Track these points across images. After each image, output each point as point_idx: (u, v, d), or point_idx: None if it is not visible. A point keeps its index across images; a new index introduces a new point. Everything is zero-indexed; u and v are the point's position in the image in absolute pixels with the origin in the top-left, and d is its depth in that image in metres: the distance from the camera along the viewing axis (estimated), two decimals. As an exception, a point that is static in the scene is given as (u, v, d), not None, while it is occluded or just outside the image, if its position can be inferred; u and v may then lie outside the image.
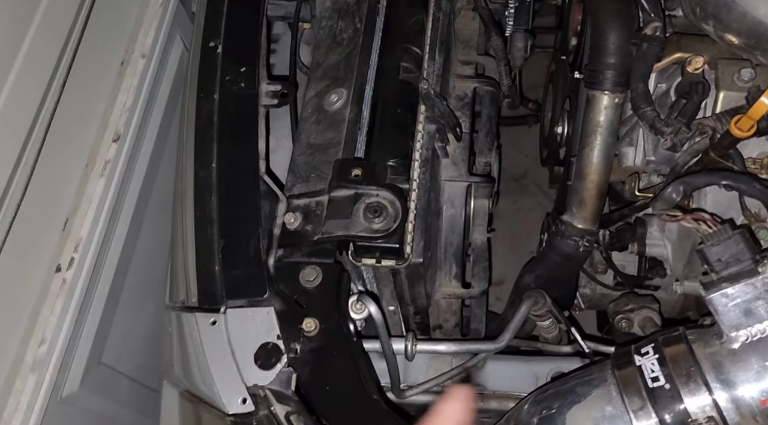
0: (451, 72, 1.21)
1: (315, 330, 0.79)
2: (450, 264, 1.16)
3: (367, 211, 0.83)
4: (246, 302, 0.82)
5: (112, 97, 1.29)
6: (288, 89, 0.96)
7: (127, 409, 1.41)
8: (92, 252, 1.17)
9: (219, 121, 0.92)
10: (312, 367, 0.78)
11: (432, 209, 1.05)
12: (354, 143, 0.91)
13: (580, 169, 1.12)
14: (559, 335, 1.25)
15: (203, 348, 0.80)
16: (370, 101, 0.94)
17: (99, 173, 1.20)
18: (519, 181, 2.48)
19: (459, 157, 1.12)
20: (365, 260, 0.89)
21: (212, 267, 0.84)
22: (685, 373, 0.68)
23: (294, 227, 0.87)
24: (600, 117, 1.08)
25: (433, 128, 1.02)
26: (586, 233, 1.15)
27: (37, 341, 1.07)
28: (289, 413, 0.73)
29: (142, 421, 1.43)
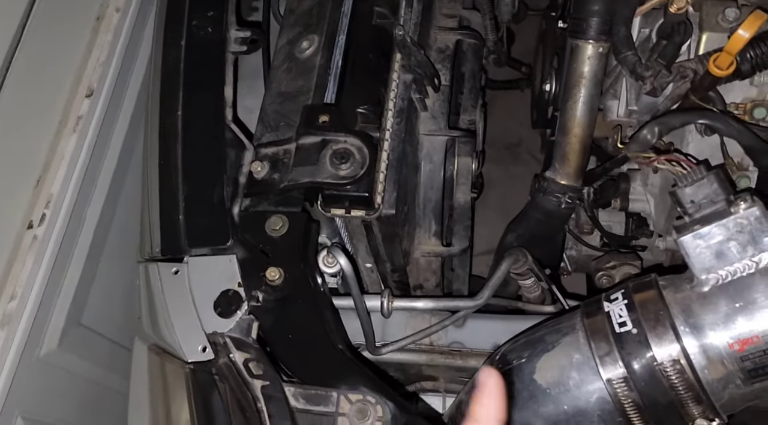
0: (432, 24, 1.17)
1: (279, 279, 0.77)
2: (429, 221, 1.13)
3: (334, 157, 0.81)
4: (209, 250, 0.80)
5: (87, 52, 1.26)
6: (258, 36, 0.93)
7: (108, 371, 1.40)
8: (65, 209, 1.15)
9: (185, 67, 0.89)
10: (275, 316, 0.77)
11: (409, 162, 1.02)
12: (324, 90, 0.88)
13: (563, 123, 1.09)
14: (542, 295, 1.23)
15: (165, 297, 0.78)
16: (342, 47, 0.91)
17: (71, 129, 1.17)
18: (512, 149, 2.44)
19: (438, 111, 1.09)
20: (334, 210, 0.87)
21: (176, 216, 0.82)
22: (653, 318, 0.66)
23: (261, 177, 0.84)
24: (584, 68, 1.04)
25: (409, 77, 0.98)
26: (568, 190, 1.12)
27: (8, 297, 1.05)
28: (248, 360, 0.71)
29: (123, 383, 1.43)
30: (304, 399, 0.70)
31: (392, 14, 0.94)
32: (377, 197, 0.86)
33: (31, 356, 1.17)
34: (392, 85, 0.93)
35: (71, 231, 1.22)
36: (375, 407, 0.69)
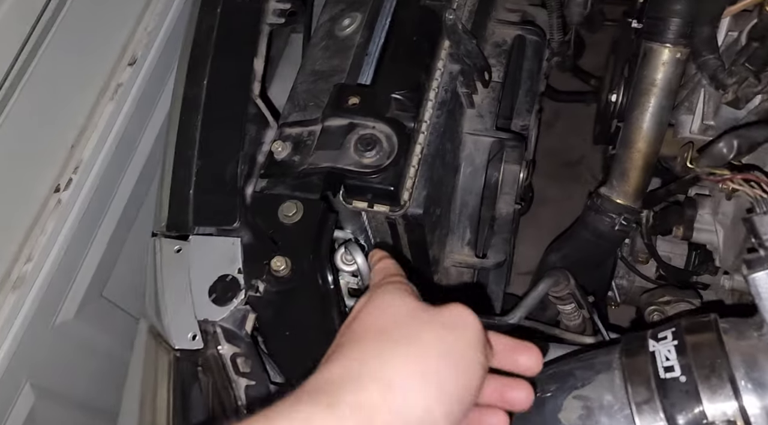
0: (491, 16, 1.08)
1: (285, 270, 0.70)
2: (464, 229, 1.04)
3: (359, 143, 0.73)
4: (215, 230, 0.74)
5: (137, 22, 1.24)
6: (297, 8, 0.87)
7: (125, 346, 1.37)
8: (93, 176, 1.12)
9: (217, 36, 0.84)
10: (275, 310, 0.70)
11: (447, 161, 0.94)
12: (359, 71, 0.81)
13: (626, 135, 0.98)
14: (583, 324, 1.12)
15: (162, 277, 0.72)
16: (386, 28, 0.84)
17: (110, 96, 1.15)
18: (572, 167, 2.30)
19: (486, 109, 1.00)
20: (356, 203, 0.79)
21: (186, 191, 0.77)
22: (707, 365, 0.55)
23: (281, 157, 0.78)
24: (656, 74, 0.93)
25: (456, 68, 0.90)
26: (624, 210, 1.01)
27: (24, 259, 1.03)
28: (236, 354, 0.64)
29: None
30: (292, 406, 0.63)
31: (445, -4, 0.86)
32: (404, 193, 0.78)
33: (46, 323, 1.15)
34: (436, 73, 0.85)
35: (100, 200, 1.19)
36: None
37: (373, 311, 0.47)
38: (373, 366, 0.41)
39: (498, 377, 0.50)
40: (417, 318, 0.45)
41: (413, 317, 0.45)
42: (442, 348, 0.43)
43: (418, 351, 0.42)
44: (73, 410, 1.27)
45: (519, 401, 0.50)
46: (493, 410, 0.49)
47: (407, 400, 0.40)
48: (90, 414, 1.31)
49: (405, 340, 0.43)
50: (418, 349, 0.43)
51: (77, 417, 1.29)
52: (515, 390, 0.50)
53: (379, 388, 0.40)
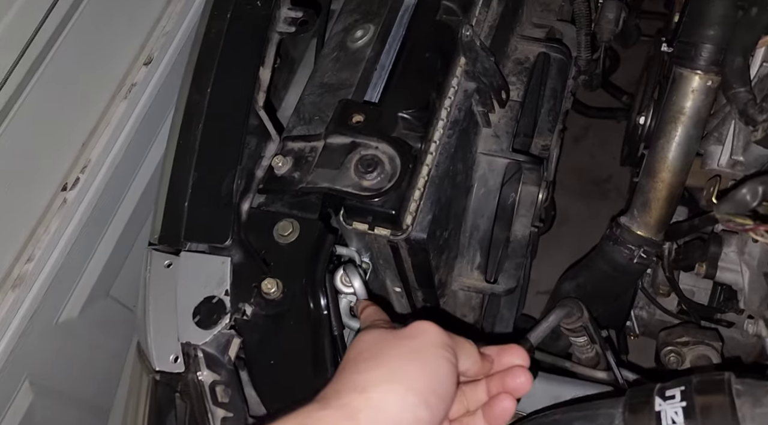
0: (515, 31, 1.03)
1: (276, 293, 0.67)
2: (474, 252, 0.99)
3: (360, 164, 0.69)
4: (206, 247, 0.71)
5: (155, 22, 1.22)
6: (310, 18, 0.83)
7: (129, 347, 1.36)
8: (102, 176, 1.11)
9: (224, 43, 0.81)
10: (262, 335, 0.67)
11: (458, 182, 0.90)
12: (367, 86, 0.77)
13: (650, 163, 0.93)
14: (596, 357, 1.06)
15: (149, 292, 0.70)
16: (398, 41, 0.80)
17: (123, 95, 1.14)
18: (600, 185, 2.23)
19: (503, 129, 0.96)
20: (357, 224, 0.75)
21: (181, 203, 0.74)
22: (717, 434, 0.50)
23: (281, 173, 0.74)
24: (685, 102, 0.88)
25: (472, 86, 0.86)
26: (645, 243, 0.95)
27: (25, 258, 1.02)
28: (216, 383, 0.61)
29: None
30: (271, 440, 0.59)
31: (462, 12, 0.82)
32: (407, 217, 0.75)
33: (48, 321, 1.14)
34: (449, 91, 0.81)
35: (108, 200, 1.18)
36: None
37: (353, 346, 0.55)
38: (350, 380, 0.50)
39: (498, 373, 0.58)
40: (385, 340, 0.54)
41: (383, 340, 0.54)
42: (406, 353, 0.51)
43: (387, 360, 0.51)
44: (73, 409, 1.26)
45: (520, 386, 0.57)
46: (501, 395, 0.56)
47: (383, 397, 0.48)
48: (89, 413, 1.30)
49: (375, 357, 0.52)
50: (387, 359, 0.51)
51: (76, 415, 1.28)
52: (514, 377, 0.57)
53: (357, 394, 0.48)
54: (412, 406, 0.48)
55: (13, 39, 0.94)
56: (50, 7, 0.96)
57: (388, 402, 0.48)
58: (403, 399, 0.48)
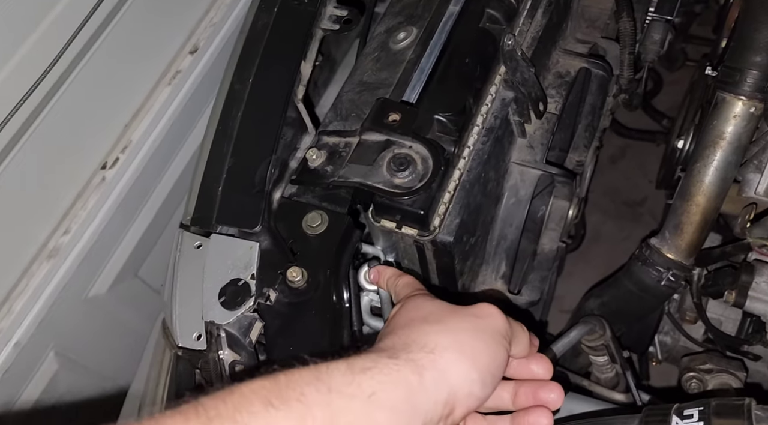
0: (558, 45, 1.03)
1: (300, 281, 0.69)
2: (499, 261, 0.99)
3: (392, 162, 0.70)
4: (236, 231, 0.73)
5: (204, 13, 1.26)
6: (354, 17, 0.85)
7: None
8: (141, 157, 1.14)
9: (269, 35, 0.83)
10: (284, 321, 0.68)
11: (489, 190, 0.90)
12: (405, 87, 0.78)
13: (686, 187, 0.92)
14: (616, 378, 1.05)
15: (178, 271, 0.72)
16: (440, 45, 0.81)
17: (167, 81, 1.17)
18: (633, 207, 2.20)
19: (538, 140, 0.95)
20: (384, 222, 0.76)
21: (215, 187, 0.76)
22: (732, 459, 0.49)
23: (315, 165, 0.76)
24: (726, 127, 0.87)
25: (510, 95, 0.86)
26: (674, 266, 0.94)
27: (62, 230, 1.05)
28: (235, 362, 0.63)
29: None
30: (282, 425, 0.60)
31: (506, 21, 0.83)
32: (435, 218, 0.75)
33: (78, 295, 1.17)
34: (486, 98, 0.81)
35: (145, 181, 1.21)
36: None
37: (411, 308, 0.56)
38: (419, 339, 0.50)
39: (530, 381, 0.58)
40: (451, 310, 0.55)
41: (449, 310, 0.55)
42: (473, 329, 0.52)
43: (455, 330, 0.52)
44: (94, 381, 1.30)
45: (552, 400, 0.57)
46: (536, 409, 0.56)
47: (448, 363, 0.49)
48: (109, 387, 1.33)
49: (442, 324, 0.52)
50: (454, 329, 0.52)
51: (97, 389, 1.31)
52: (547, 391, 0.57)
53: (425, 353, 0.49)
54: (471, 381, 0.49)
55: (68, 21, 0.98)
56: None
57: (452, 369, 0.49)
58: (466, 371, 0.49)
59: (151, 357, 0.80)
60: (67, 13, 0.98)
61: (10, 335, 0.98)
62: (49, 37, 0.96)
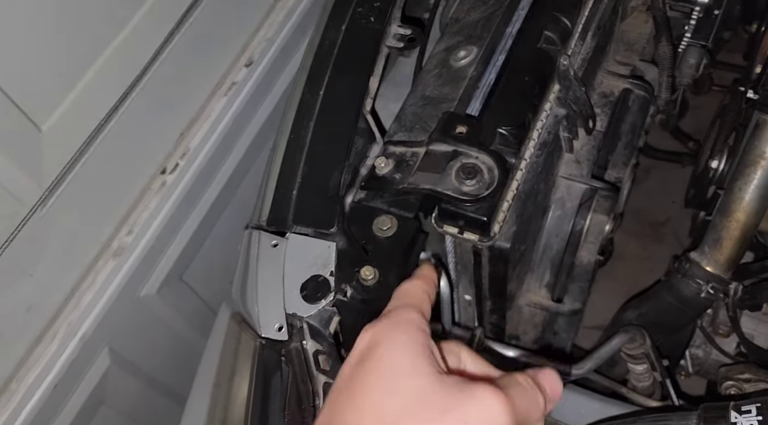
0: (602, 66, 1.09)
1: (373, 280, 0.73)
2: (544, 270, 1.04)
3: (461, 171, 0.75)
4: (312, 232, 0.78)
5: (257, 29, 1.32)
6: (417, 36, 0.91)
7: (194, 330, 1.44)
8: (197, 164, 1.20)
9: (339, 50, 0.89)
10: (358, 316, 0.72)
11: (538, 201, 0.95)
12: (468, 102, 0.84)
13: (726, 203, 0.96)
14: (652, 387, 1.09)
15: (257, 267, 0.77)
16: (499, 64, 0.86)
17: (223, 92, 1.23)
18: (657, 227, 2.24)
19: (585, 156, 1.01)
20: (447, 227, 0.81)
21: (290, 190, 0.81)
22: (793, 447, 0.53)
23: (383, 173, 0.81)
24: (766, 147, 0.91)
25: (562, 112, 0.91)
26: (713, 279, 0.98)
27: (126, 230, 1.11)
28: (318, 351, 0.67)
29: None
30: (361, 411, 0.65)
31: (561, 42, 0.88)
32: (495, 225, 0.80)
33: (132, 293, 1.22)
34: (542, 114, 0.87)
35: (197, 188, 1.27)
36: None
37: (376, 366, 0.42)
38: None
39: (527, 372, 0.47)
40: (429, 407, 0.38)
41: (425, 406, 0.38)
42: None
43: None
44: (139, 379, 1.34)
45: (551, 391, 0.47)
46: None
47: None
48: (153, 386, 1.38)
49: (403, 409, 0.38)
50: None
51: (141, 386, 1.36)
52: (545, 380, 0.46)
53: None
54: None
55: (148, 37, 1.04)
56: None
57: None
58: None
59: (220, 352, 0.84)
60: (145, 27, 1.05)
61: (78, 328, 1.03)
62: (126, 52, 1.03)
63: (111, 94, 1.05)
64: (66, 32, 0.96)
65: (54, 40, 0.94)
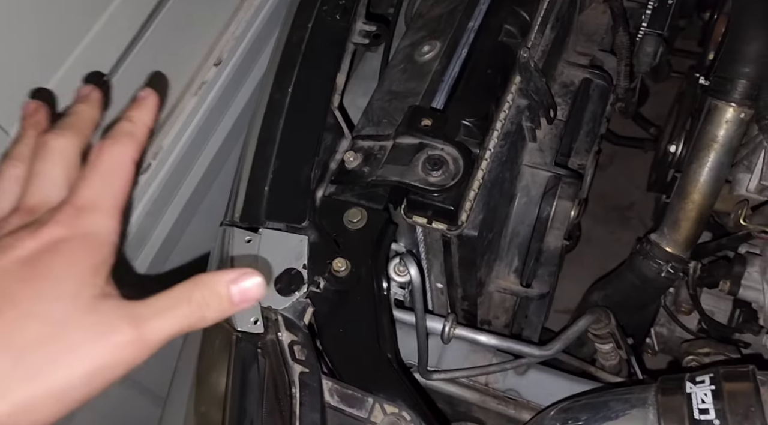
0: (562, 57, 1.12)
1: (345, 271, 0.75)
2: (512, 256, 1.07)
3: (427, 162, 0.78)
4: (284, 226, 0.80)
5: (225, 27, 1.33)
6: (382, 32, 0.93)
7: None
8: (170, 163, 1.20)
9: (305, 48, 0.90)
10: (331, 307, 0.75)
11: (504, 190, 0.98)
12: (433, 96, 0.86)
13: (682, 186, 1.01)
14: (619, 365, 1.13)
15: (232, 263, 0.78)
16: (462, 58, 0.89)
17: (193, 92, 1.23)
18: (621, 212, 2.30)
19: (548, 144, 1.04)
20: (416, 218, 0.84)
21: (261, 187, 0.83)
22: (741, 413, 0.57)
23: (352, 167, 0.83)
24: (718, 131, 0.96)
25: (524, 103, 0.94)
26: (673, 259, 1.03)
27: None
28: (294, 342, 0.69)
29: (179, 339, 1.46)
30: (339, 397, 0.67)
31: (521, 35, 0.91)
32: (462, 214, 0.83)
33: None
34: (504, 106, 0.90)
35: (170, 188, 1.27)
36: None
37: (35, 275, 0.40)
38: None
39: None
40: (63, 338, 0.39)
41: (59, 336, 0.39)
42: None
43: None
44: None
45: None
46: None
47: None
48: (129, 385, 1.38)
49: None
50: None
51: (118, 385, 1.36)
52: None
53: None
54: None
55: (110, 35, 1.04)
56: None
57: None
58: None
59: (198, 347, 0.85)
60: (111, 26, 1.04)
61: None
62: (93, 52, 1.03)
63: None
64: (26, 42, 0.95)
65: (13, 53, 0.94)
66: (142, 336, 0.41)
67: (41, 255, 0.40)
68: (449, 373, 0.96)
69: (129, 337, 0.40)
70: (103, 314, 0.40)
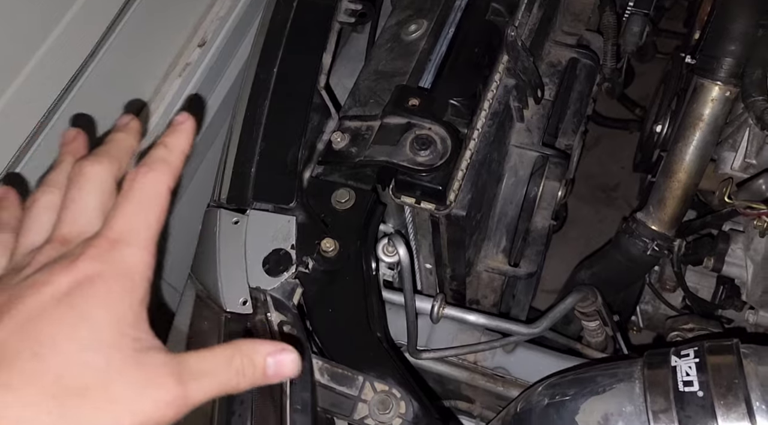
0: (549, 37, 1.12)
1: (333, 251, 0.75)
2: (500, 236, 1.08)
3: (415, 142, 0.78)
4: (272, 207, 0.79)
5: (208, 8, 1.31)
6: (368, 11, 0.92)
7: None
8: (154, 147, 1.19)
9: (290, 28, 0.89)
10: (320, 287, 0.75)
11: (492, 170, 0.98)
12: (420, 75, 0.86)
13: (668, 164, 1.01)
14: (605, 342, 1.15)
15: (219, 245, 0.78)
16: (449, 37, 0.88)
17: (177, 73, 1.22)
18: (608, 192, 2.32)
19: (535, 124, 1.04)
20: (404, 198, 0.84)
21: (248, 168, 0.82)
22: (724, 384, 0.58)
23: (339, 147, 0.83)
24: (704, 109, 0.96)
25: (511, 82, 0.94)
26: (658, 237, 1.04)
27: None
28: (283, 322, 0.69)
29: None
30: (329, 376, 0.68)
31: (508, 13, 0.91)
32: (450, 194, 0.83)
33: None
34: (492, 85, 0.89)
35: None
36: (399, 402, 0.65)
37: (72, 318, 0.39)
38: None
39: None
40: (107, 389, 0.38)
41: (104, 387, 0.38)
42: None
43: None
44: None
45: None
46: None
47: None
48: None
49: None
50: None
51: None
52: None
53: None
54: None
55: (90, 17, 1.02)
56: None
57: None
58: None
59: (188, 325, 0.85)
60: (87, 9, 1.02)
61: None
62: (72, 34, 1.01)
63: (60, 77, 1.02)
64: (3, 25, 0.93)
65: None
66: (185, 395, 0.39)
67: (76, 292, 0.39)
68: (438, 352, 0.96)
69: (173, 395, 0.39)
70: (148, 368, 0.39)
